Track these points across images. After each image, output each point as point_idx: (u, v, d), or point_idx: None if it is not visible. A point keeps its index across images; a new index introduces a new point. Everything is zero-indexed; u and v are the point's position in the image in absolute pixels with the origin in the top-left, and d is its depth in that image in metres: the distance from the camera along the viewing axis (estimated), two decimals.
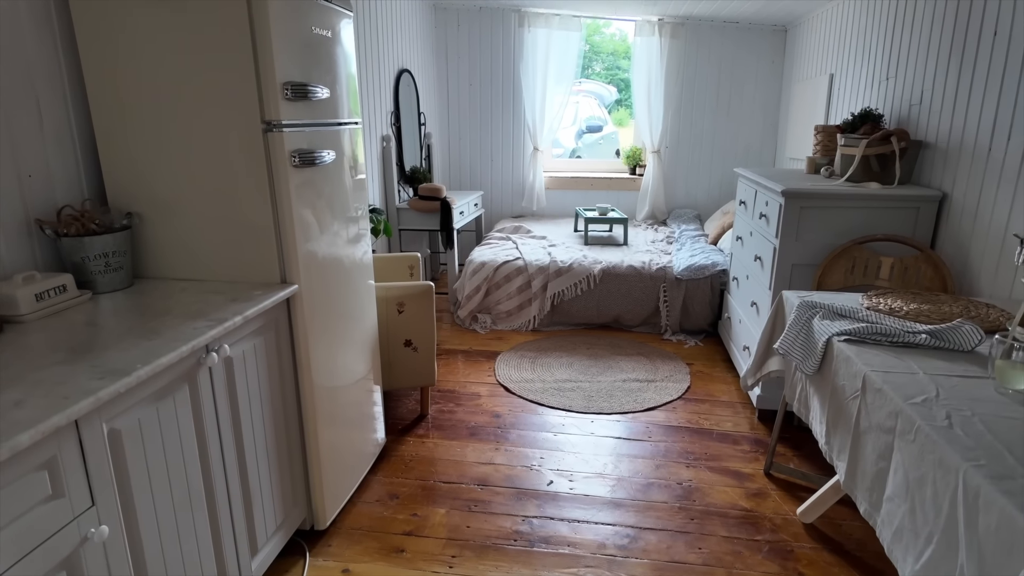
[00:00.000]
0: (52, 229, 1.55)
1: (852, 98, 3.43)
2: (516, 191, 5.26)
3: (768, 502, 2.17)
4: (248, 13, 1.51)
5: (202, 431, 1.41)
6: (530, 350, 3.49)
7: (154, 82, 1.60)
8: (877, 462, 1.32)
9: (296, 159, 1.67)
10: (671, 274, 3.72)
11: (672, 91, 4.89)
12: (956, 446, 1.07)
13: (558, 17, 4.74)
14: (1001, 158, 2.11)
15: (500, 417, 2.75)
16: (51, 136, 1.60)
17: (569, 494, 2.20)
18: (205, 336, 1.33)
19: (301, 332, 1.76)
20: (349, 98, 2.00)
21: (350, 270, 2.06)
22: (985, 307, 1.80)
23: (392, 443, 2.51)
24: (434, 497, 2.17)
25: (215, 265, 1.72)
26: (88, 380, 1.08)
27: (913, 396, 1.27)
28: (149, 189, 1.69)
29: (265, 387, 1.66)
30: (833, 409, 1.57)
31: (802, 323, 1.78)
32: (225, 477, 1.50)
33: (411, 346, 2.55)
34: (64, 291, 1.49)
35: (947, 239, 2.41)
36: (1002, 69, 2.11)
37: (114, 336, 1.31)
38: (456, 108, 5.10)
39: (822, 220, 2.47)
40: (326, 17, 1.82)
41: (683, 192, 5.22)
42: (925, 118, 2.62)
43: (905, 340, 1.54)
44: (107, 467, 1.12)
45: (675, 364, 3.33)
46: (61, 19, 1.59)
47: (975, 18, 2.28)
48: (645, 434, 2.63)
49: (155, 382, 1.24)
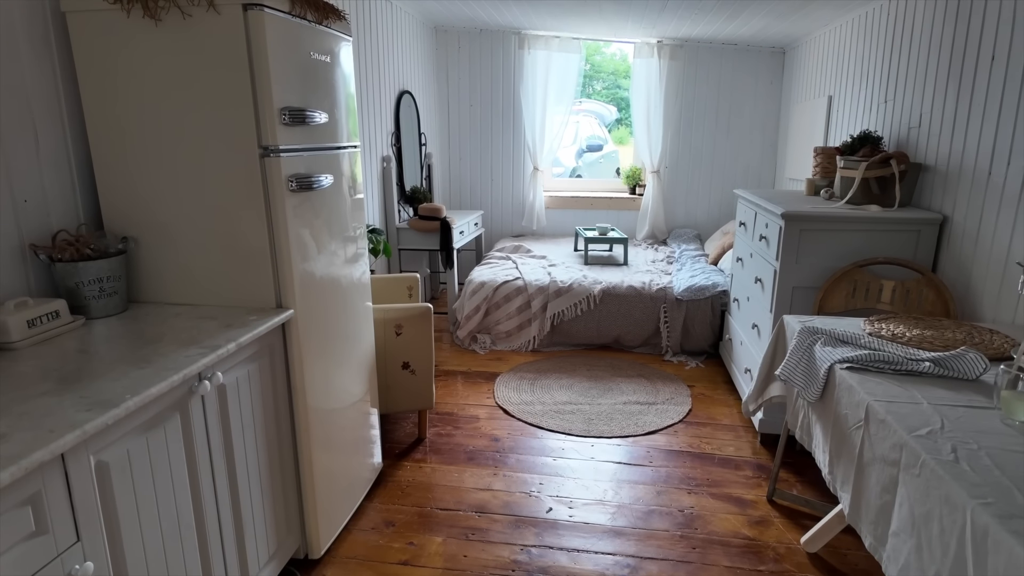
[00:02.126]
0: (46, 254, 1.54)
1: (851, 120, 3.44)
2: (516, 210, 5.26)
3: (771, 530, 2.13)
4: (246, 39, 1.52)
5: (193, 461, 1.38)
6: (530, 371, 3.46)
7: (151, 107, 1.60)
8: (882, 495, 1.29)
9: (293, 184, 1.66)
10: (671, 294, 3.70)
11: (671, 111, 4.91)
12: (963, 482, 1.04)
13: (558, 39, 4.79)
14: (1001, 182, 2.10)
15: (499, 441, 2.72)
16: (48, 161, 1.59)
17: (569, 522, 2.16)
18: (197, 364, 1.31)
19: (296, 357, 1.74)
20: (348, 122, 2.00)
21: (347, 292, 2.05)
22: (989, 333, 1.77)
23: (389, 468, 2.47)
24: (431, 525, 2.13)
25: (210, 290, 1.71)
26: (75, 412, 1.06)
27: (917, 428, 1.24)
28: (145, 214, 1.68)
29: (259, 414, 1.64)
30: (836, 439, 1.54)
31: (803, 349, 1.76)
32: (216, 508, 1.47)
33: (409, 369, 2.53)
34: (57, 317, 1.48)
35: (948, 262, 2.40)
36: (1000, 94, 2.12)
37: (105, 364, 1.29)
38: (457, 128, 5.12)
39: (822, 243, 2.46)
40: (325, 42, 1.82)
41: (683, 212, 5.22)
42: (924, 141, 2.62)
43: (908, 368, 1.51)
44: (93, 501, 1.09)
45: (676, 386, 3.29)
46: (60, 45, 1.60)
47: (972, 43, 2.29)
48: (646, 459, 2.59)
49: (145, 412, 1.22)
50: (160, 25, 1.53)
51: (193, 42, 1.54)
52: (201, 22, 1.52)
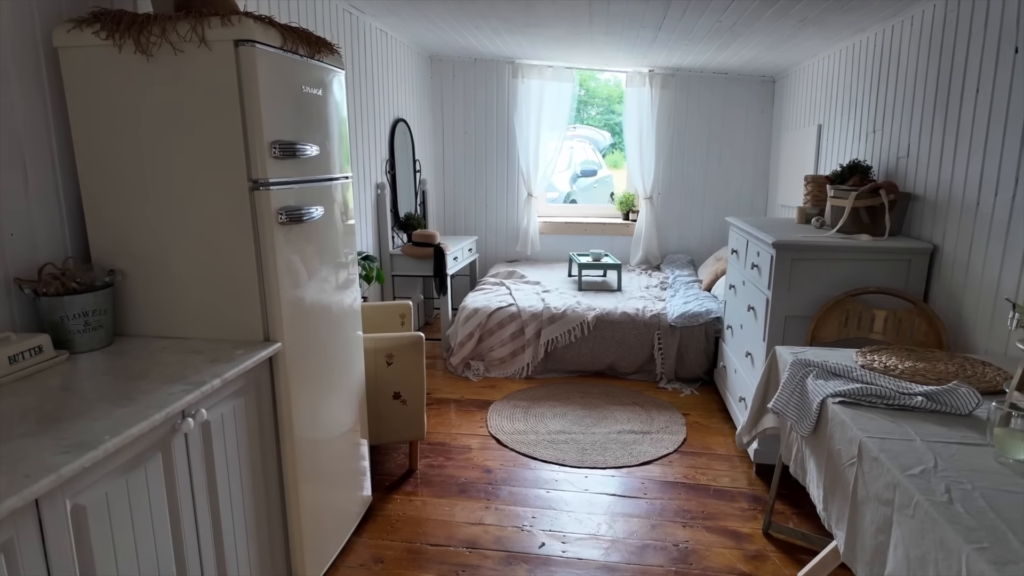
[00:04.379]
0: (31, 288, 1.52)
1: (841, 149, 3.48)
2: (511, 236, 5.28)
3: (767, 565, 2.09)
4: (237, 75, 1.53)
5: (175, 501, 1.35)
6: (523, 399, 3.43)
7: (141, 141, 1.60)
8: (876, 535, 1.27)
9: (283, 216, 1.66)
10: (665, 321, 3.70)
11: (664, 139, 4.96)
12: (957, 526, 1.02)
13: (551, 68, 4.85)
14: (989, 213, 2.12)
15: (491, 472, 2.68)
16: (36, 194, 1.59)
17: (562, 558, 2.12)
18: (181, 402, 1.29)
19: (284, 390, 1.72)
20: (340, 153, 2.01)
21: (338, 322, 2.03)
22: (981, 365, 1.77)
23: (379, 501, 2.43)
24: (420, 561, 2.08)
25: (198, 323, 1.69)
26: (52, 455, 1.04)
27: (911, 467, 1.22)
28: (133, 246, 1.67)
29: (244, 450, 1.61)
30: (830, 475, 1.52)
31: (796, 382, 1.75)
32: (199, 549, 1.43)
33: (400, 399, 2.50)
34: (40, 352, 1.46)
35: (940, 292, 2.40)
36: (986, 125, 2.14)
37: (86, 402, 1.27)
38: (451, 155, 5.16)
39: (814, 272, 2.46)
40: (317, 75, 1.84)
41: (676, 237, 5.24)
42: (913, 171, 2.65)
43: (901, 403, 1.50)
44: (68, 547, 1.06)
45: (671, 414, 3.27)
46: (51, 79, 1.60)
47: (957, 75, 2.33)
48: (640, 491, 2.55)
49: (125, 452, 1.19)
50: (151, 60, 1.54)
51: (184, 77, 1.55)
52: (193, 58, 1.53)
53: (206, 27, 1.50)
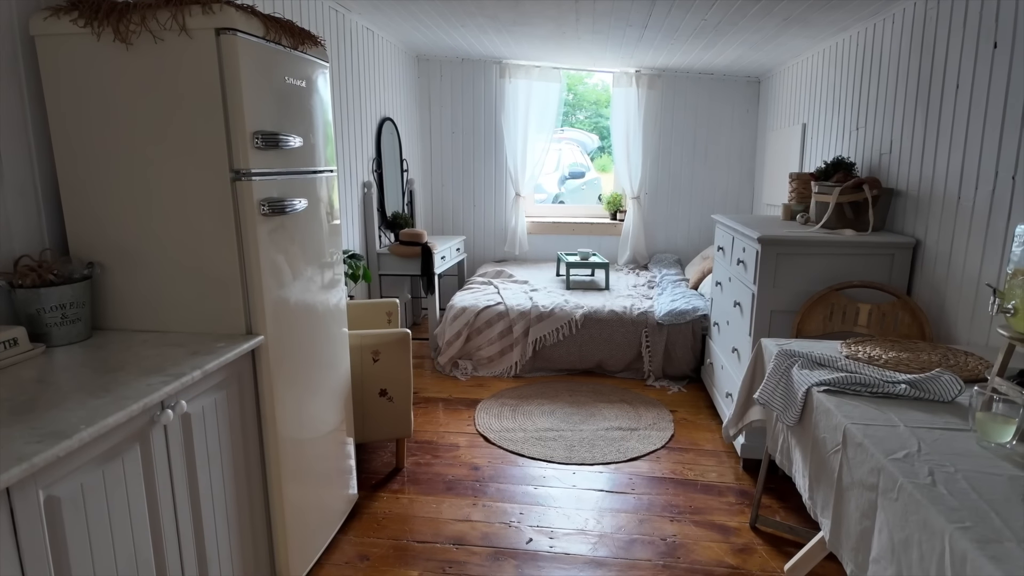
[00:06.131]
0: (6, 280, 1.49)
1: (825, 146, 3.51)
2: (499, 236, 5.27)
3: (754, 558, 2.09)
4: (218, 64, 1.51)
5: (154, 495, 1.32)
6: (511, 397, 3.42)
7: (120, 131, 1.58)
8: (861, 520, 1.27)
9: (266, 207, 1.64)
10: (653, 319, 3.70)
11: (650, 139, 4.99)
12: (940, 507, 1.03)
13: (538, 69, 4.86)
14: (970, 207, 2.14)
15: (479, 470, 2.66)
16: (12, 186, 1.55)
17: (549, 553, 2.11)
18: (159, 393, 1.27)
19: (267, 384, 1.70)
20: (325, 147, 1.99)
21: (322, 317, 2.01)
22: (964, 355, 1.78)
23: (365, 499, 2.40)
24: (407, 558, 2.06)
25: (178, 316, 1.67)
26: (24, 444, 1.01)
27: (894, 451, 1.23)
28: (112, 238, 1.64)
29: (226, 444, 1.58)
30: (815, 463, 1.52)
31: (781, 372, 1.75)
32: (179, 544, 1.41)
33: (386, 396, 2.48)
34: (15, 345, 1.42)
35: (923, 285, 2.42)
36: (965, 121, 2.17)
37: (62, 394, 1.24)
38: (439, 154, 5.15)
39: (799, 267, 2.48)
40: (300, 67, 1.82)
41: (663, 237, 5.26)
42: (895, 166, 2.68)
43: (885, 391, 1.51)
44: (42, 540, 1.04)
45: (658, 411, 3.27)
46: (28, 68, 1.58)
47: (937, 72, 2.35)
48: (628, 486, 2.55)
49: (101, 443, 1.17)
50: (131, 49, 1.52)
51: (164, 66, 1.53)
52: (173, 46, 1.51)
53: (187, 15, 1.48)
